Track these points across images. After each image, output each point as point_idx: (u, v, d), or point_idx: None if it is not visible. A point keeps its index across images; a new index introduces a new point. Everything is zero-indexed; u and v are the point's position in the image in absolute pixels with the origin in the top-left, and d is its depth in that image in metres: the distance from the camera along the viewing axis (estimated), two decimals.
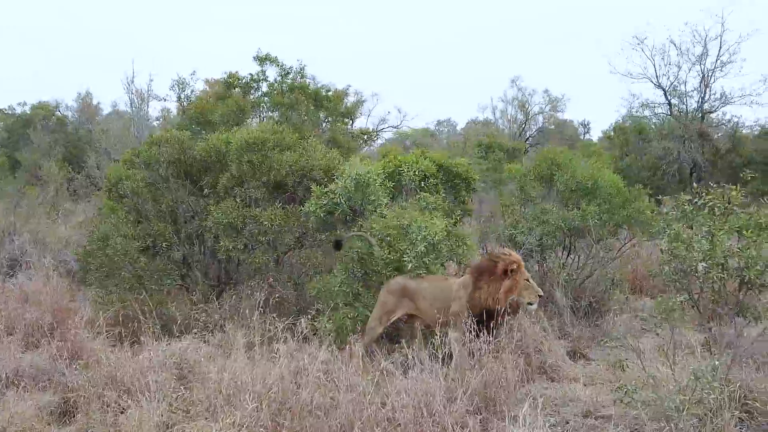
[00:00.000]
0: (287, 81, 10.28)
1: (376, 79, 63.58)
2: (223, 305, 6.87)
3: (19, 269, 9.65)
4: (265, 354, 4.96)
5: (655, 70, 16.45)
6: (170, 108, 21.06)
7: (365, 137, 17.03)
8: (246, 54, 10.53)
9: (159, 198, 7.43)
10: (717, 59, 15.86)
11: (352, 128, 21.31)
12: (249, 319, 5.45)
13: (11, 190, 15.11)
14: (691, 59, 16.09)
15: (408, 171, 7.77)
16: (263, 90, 10.79)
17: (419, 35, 70.61)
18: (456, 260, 6.93)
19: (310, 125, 9.89)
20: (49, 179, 16.91)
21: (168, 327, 6.31)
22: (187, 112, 10.04)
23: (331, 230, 7.42)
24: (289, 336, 5.18)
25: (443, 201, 7.47)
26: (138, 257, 6.95)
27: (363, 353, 5.41)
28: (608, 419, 4.71)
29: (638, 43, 16.44)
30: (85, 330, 5.91)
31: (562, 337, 6.83)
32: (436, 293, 5.84)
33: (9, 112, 25.40)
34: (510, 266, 5.48)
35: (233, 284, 7.50)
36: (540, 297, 5.66)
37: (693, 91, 16.42)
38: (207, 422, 4.22)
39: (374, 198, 6.73)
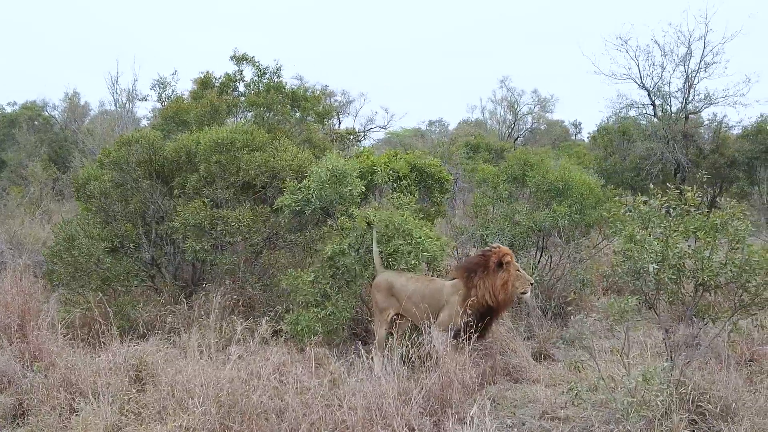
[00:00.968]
0: (264, 81, 10.25)
1: (366, 79, 63.39)
2: (192, 306, 6.84)
3: None
4: (221, 356, 4.93)
5: (639, 71, 16.47)
6: (160, 107, 20.96)
7: (351, 137, 16.94)
8: (231, 53, 10.35)
9: (128, 198, 7.39)
10: (701, 60, 15.87)
11: (339, 128, 21.29)
12: (207, 321, 5.42)
13: None
14: (675, 60, 16.11)
15: (381, 171, 7.73)
16: (240, 90, 10.76)
17: (409, 35, 70.68)
18: (426, 262, 6.89)
19: (288, 125, 9.84)
20: (33, 179, 16.83)
21: (135, 328, 6.28)
22: (163, 112, 9.97)
23: (302, 231, 7.41)
24: (249, 337, 5.15)
25: (416, 203, 7.42)
26: (104, 258, 6.90)
27: (379, 357, 5.37)
28: (564, 421, 4.72)
29: (622, 44, 16.41)
30: (48, 331, 5.87)
31: (530, 338, 6.83)
32: (424, 294, 5.72)
33: None
34: (503, 258, 5.43)
35: (203, 285, 7.46)
36: (532, 285, 5.64)
37: (677, 92, 16.44)
38: (156, 425, 4.20)
39: (349, 190, 6.58)
